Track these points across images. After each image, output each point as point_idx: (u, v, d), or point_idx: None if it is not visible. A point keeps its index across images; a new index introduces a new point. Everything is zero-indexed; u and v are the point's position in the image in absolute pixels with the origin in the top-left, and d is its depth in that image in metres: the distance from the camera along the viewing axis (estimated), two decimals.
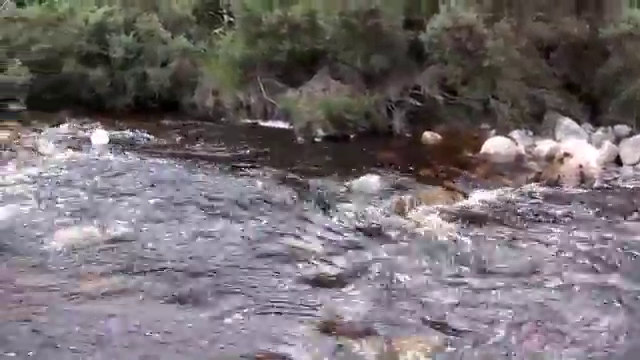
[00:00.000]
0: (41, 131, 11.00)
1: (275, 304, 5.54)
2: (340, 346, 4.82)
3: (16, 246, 6.60)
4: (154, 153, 9.68)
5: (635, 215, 7.27)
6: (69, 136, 10.73)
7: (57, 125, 11.33)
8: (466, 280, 5.86)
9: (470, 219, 7.24)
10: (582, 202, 7.66)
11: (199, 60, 12.25)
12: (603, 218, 7.20)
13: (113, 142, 10.34)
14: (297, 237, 6.90)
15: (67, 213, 7.35)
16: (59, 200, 7.75)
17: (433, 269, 6.13)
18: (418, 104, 10.58)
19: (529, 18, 10.36)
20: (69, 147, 10.09)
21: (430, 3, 10.67)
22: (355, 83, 10.79)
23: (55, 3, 13.16)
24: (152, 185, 8.28)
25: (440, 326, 5.10)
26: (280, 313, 5.38)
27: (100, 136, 10.46)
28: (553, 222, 7.14)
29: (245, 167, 9.01)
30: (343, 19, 10.35)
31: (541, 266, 6.11)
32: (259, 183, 8.39)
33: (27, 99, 12.35)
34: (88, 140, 10.47)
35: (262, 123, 11.20)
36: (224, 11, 12.44)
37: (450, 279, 5.92)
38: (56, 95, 12.47)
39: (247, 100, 11.38)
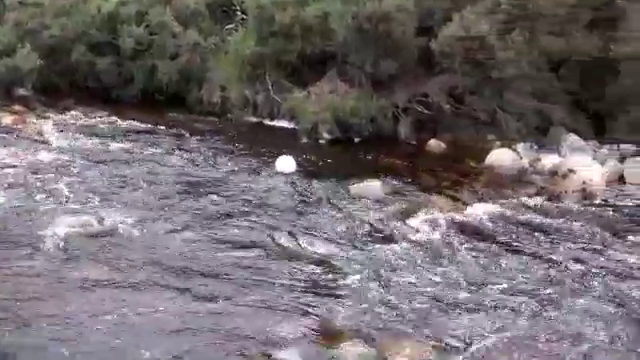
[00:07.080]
0: (47, 117, 11.00)
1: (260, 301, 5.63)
2: None
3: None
4: (158, 145, 9.75)
5: (635, 235, 7.25)
6: (74, 124, 10.76)
7: (63, 112, 11.33)
8: (460, 295, 5.91)
9: (470, 230, 7.27)
10: (583, 218, 7.64)
11: (209, 55, 12.16)
12: (603, 235, 7.18)
13: (119, 131, 10.40)
14: (296, 236, 6.98)
15: (65, 202, 7.53)
16: (58, 188, 7.88)
17: (427, 277, 6.16)
18: (425, 112, 10.53)
19: (542, 32, 10.30)
20: (73, 134, 10.13)
21: (443, 12, 10.62)
22: (363, 87, 10.73)
23: None
24: (153, 181, 8.36)
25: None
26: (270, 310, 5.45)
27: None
28: (551, 236, 7.13)
29: (248, 166, 9.04)
30: (355, 22, 10.30)
31: (534, 280, 6.17)
32: (260, 181, 8.43)
33: (33, 84, 12.25)
34: (91, 127, 10.55)
35: (267, 122, 11.16)
36: (237, 8, 12.33)
37: (442, 288, 5.99)
38: (63, 82, 12.45)
39: (254, 98, 11.31)
